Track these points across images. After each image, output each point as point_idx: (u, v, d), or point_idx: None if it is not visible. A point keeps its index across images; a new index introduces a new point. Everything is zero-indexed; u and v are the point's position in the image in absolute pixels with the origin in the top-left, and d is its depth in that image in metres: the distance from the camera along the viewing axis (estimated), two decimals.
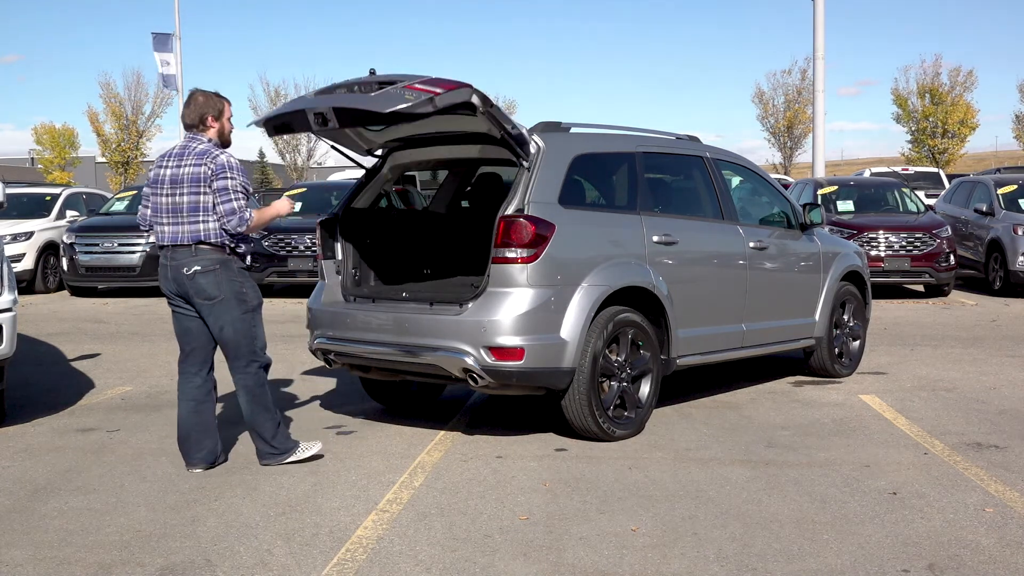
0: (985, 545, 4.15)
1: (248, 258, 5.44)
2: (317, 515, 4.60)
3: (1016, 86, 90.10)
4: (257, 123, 6.06)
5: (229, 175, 5.19)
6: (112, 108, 52.96)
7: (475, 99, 5.32)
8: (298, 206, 15.46)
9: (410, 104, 5.16)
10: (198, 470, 5.39)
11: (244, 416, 5.48)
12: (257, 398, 5.41)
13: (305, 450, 5.51)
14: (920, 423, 6.41)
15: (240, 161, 5.51)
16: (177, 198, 5.24)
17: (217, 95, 5.41)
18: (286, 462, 5.44)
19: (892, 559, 3.99)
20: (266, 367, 5.50)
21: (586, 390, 5.70)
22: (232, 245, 5.28)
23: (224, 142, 5.41)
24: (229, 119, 5.42)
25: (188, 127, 5.37)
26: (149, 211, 5.39)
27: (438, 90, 5.19)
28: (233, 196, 5.18)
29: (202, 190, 5.20)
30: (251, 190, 5.49)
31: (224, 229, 5.20)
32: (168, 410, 7.02)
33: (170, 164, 5.31)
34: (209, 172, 5.19)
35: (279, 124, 5.95)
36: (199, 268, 5.22)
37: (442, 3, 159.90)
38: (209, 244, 5.24)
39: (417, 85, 5.24)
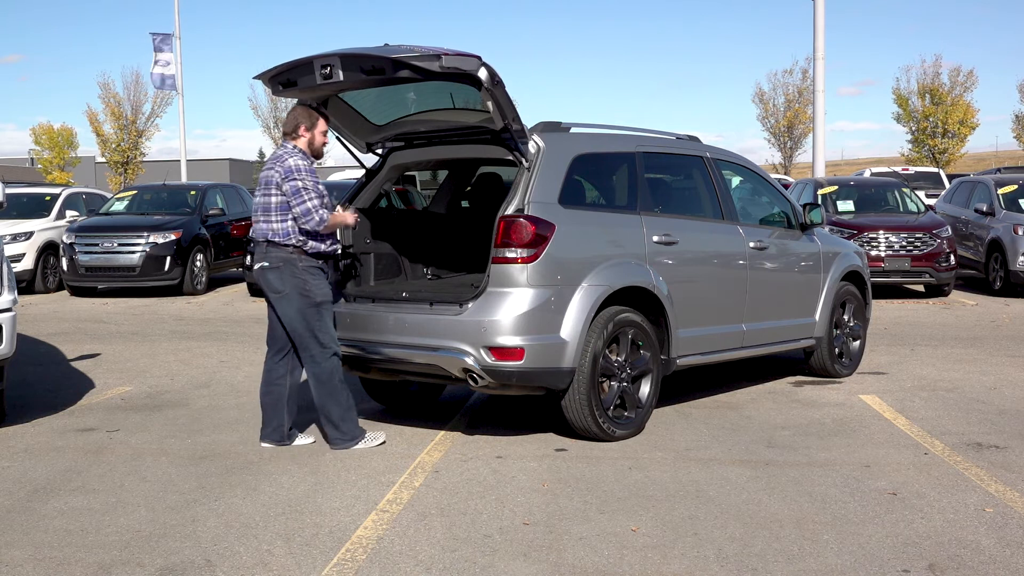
0: (985, 545, 4.15)
1: (327, 250, 5.76)
2: (317, 515, 4.60)
3: (1016, 86, 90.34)
4: (262, 77, 6.00)
5: (298, 177, 5.57)
6: (111, 108, 52.95)
7: (483, 72, 5.34)
8: None
9: (416, 56, 5.25)
10: (266, 445, 5.87)
11: (314, 401, 5.84)
12: (324, 385, 5.73)
13: (373, 439, 5.87)
14: (920, 423, 6.41)
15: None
16: (259, 198, 5.72)
17: (315, 109, 5.82)
18: (354, 447, 5.77)
19: (892, 559, 3.99)
20: (337, 356, 5.80)
21: (586, 390, 5.70)
22: (299, 244, 5.61)
23: (315, 152, 5.82)
24: (323, 132, 5.81)
25: (284, 135, 5.84)
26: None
27: (447, 51, 5.25)
28: (307, 196, 5.57)
29: (272, 192, 5.64)
30: (324, 191, 5.72)
31: (302, 228, 5.59)
32: (168, 410, 7.03)
33: (264, 167, 5.83)
34: (278, 176, 5.60)
35: (285, 80, 5.93)
36: (266, 264, 5.67)
37: (442, 3, 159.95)
38: (276, 243, 5.63)
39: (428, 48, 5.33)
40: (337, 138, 6.58)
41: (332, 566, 3.96)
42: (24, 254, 15.92)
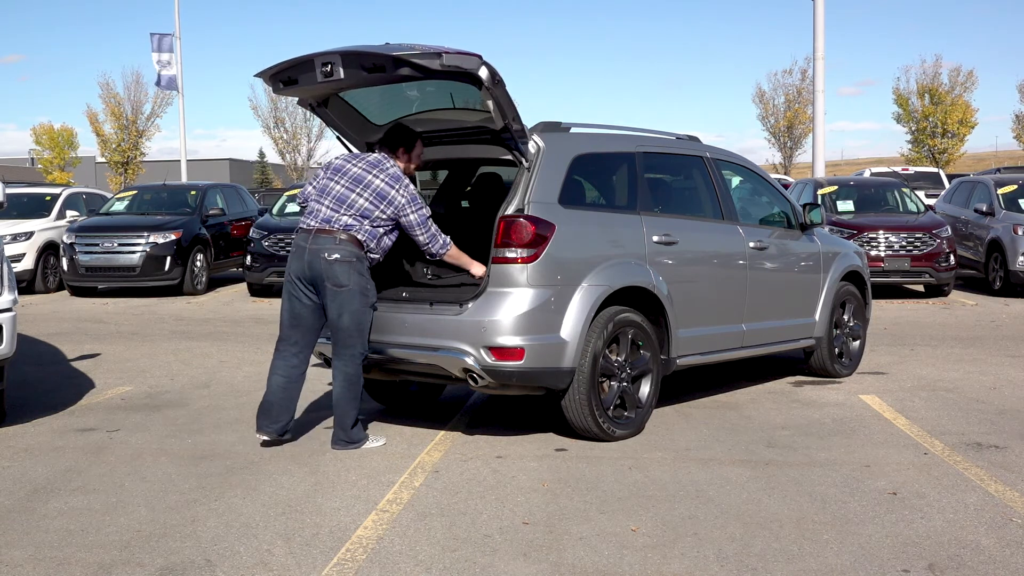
0: (985, 545, 4.15)
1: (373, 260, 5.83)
2: (317, 515, 4.60)
3: (1016, 86, 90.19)
4: (263, 76, 5.99)
5: (411, 198, 5.71)
6: (112, 108, 52.95)
7: (483, 71, 5.33)
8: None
9: (417, 53, 5.24)
10: (265, 437, 5.83)
11: (334, 398, 5.82)
12: (353, 386, 5.77)
13: (374, 441, 5.89)
14: (920, 423, 6.41)
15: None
16: (342, 190, 5.71)
17: (417, 135, 5.99)
18: (351, 449, 5.79)
19: (892, 559, 3.99)
20: (368, 360, 5.85)
21: (586, 390, 5.70)
22: (371, 249, 5.71)
23: (408, 173, 5.96)
24: (419, 156, 5.99)
25: (382, 146, 5.94)
26: (313, 191, 5.83)
27: (448, 49, 5.25)
28: (424, 219, 5.75)
29: (367, 195, 5.67)
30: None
31: (428, 253, 5.86)
32: (168, 410, 7.03)
33: (359, 165, 5.80)
34: (380, 182, 5.68)
35: (286, 78, 5.93)
36: (339, 256, 5.61)
37: (442, 3, 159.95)
38: (356, 239, 5.65)
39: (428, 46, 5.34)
40: (337, 138, 6.58)
41: (332, 566, 3.96)
42: (24, 254, 15.93)
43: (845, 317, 8.14)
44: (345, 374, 5.74)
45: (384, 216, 5.68)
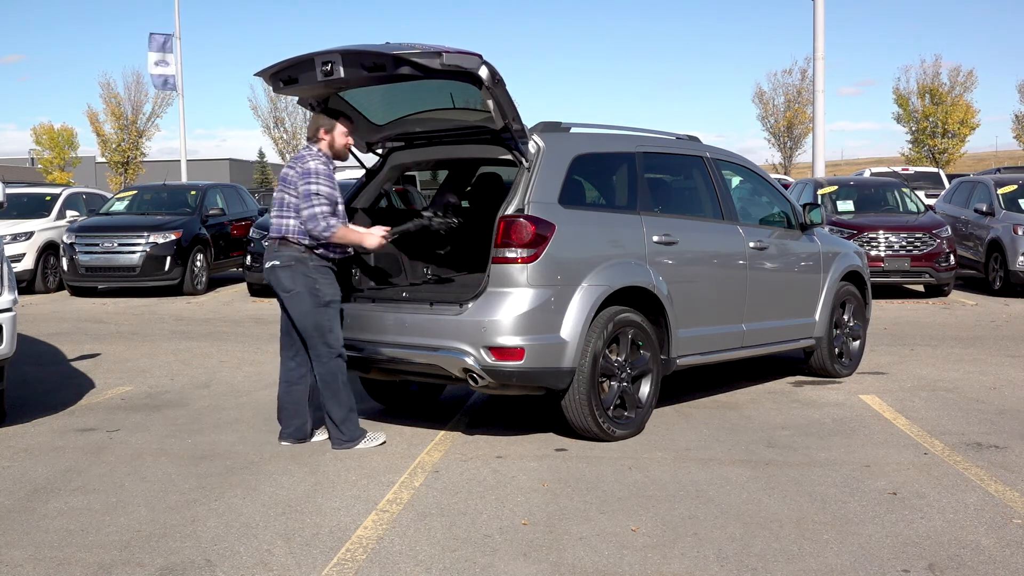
0: (985, 545, 4.15)
1: (335, 257, 5.79)
2: (317, 515, 4.60)
3: (1016, 86, 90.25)
4: (263, 75, 5.99)
5: (314, 180, 5.59)
6: (112, 108, 52.93)
7: (483, 70, 5.33)
8: None
9: (417, 52, 5.26)
10: (286, 443, 5.91)
11: (320, 400, 5.85)
12: (328, 386, 5.74)
13: (373, 440, 5.86)
14: (920, 423, 6.41)
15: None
16: (277, 194, 5.82)
17: (330, 112, 5.91)
18: (353, 448, 5.77)
19: (892, 559, 3.99)
20: (342, 358, 5.78)
21: (586, 390, 5.70)
22: (311, 245, 5.65)
23: (337, 154, 5.85)
24: (343, 133, 5.85)
25: (307, 139, 5.89)
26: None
27: (448, 49, 5.25)
28: (316, 202, 5.57)
29: (289, 190, 5.68)
30: (337, 197, 5.72)
31: (308, 234, 5.60)
32: (168, 410, 7.03)
33: (287, 165, 5.88)
34: (296, 175, 5.64)
35: (286, 77, 5.92)
36: (277, 263, 5.71)
37: (442, 3, 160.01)
38: (289, 241, 5.66)
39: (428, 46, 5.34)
40: None
41: (332, 566, 3.96)
42: (24, 254, 15.93)
43: (845, 317, 8.14)
44: (319, 375, 5.76)
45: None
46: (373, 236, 5.82)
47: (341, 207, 5.76)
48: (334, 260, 5.80)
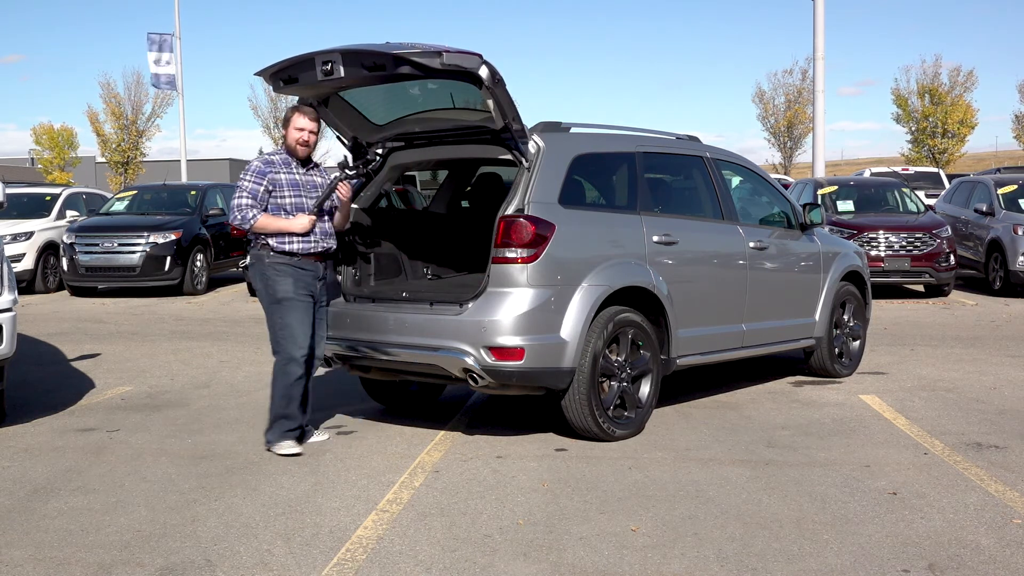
0: (985, 545, 4.15)
1: (298, 249, 5.68)
2: (317, 515, 4.60)
3: (1016, 86, 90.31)
4: (263, 74, 5.98)
5: (242, 174, 5.66)
6: (112, 108, 52.90)
7: (483, 70, 5.33)
8: None
9: (417, 52, 5.26)
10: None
11: None
12: (273, 384, 5.76)
13: (282, 448, 5.68)
14: (920, 423, 6.41)
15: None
16: None
17: (308, 104, 5.87)
18: (270, 451, 5.72)
19: (892, 559, 3.99)
20: (295, 362, 5.69)
21: (586, 390, 5.70)
22: (265, 241, 5.65)
23: (290, 149, 5.78)
24: (296, 128, 5.73)
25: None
26: None
27: (448, 48, 5.25)
28: (237, 193, 5.61)
29: None
30: (260, 190, 5.64)
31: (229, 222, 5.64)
32: (168, 410, 7.03)
33: None
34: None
35: (286, 77, 5.92)
36: (245, 262, 5.84)
37: (442, 3, 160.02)
38: (250, 240, 5.77)
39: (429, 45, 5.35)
40: (337, 138, 6.58)
41: (332, 566, 3.96)
42: (24, 254, 15.93)
43: (845, 317, 8.14)
44: (273, 373, 5.78)
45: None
46: (298, 220, 5.65)
47: (261, 198, 5.61)
48: (301, 256, 5.66)
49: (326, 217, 5.81)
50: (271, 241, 5.62)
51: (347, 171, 5.91)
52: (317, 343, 5.88)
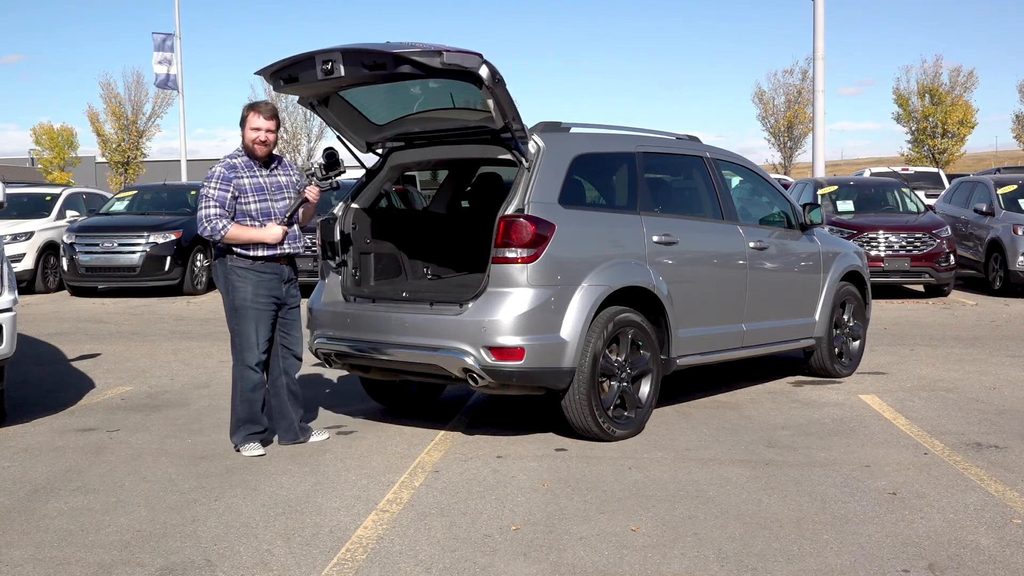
0: (985, 545, 4.15)
1: (263, 255, 5.63)
2: (317, 515, 4.60)
3: (1016, 86, 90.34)
4: (264, 73, 5.96)
5: (205, 183, 5.56)
6: (112, 108, 52.88)
7: (484, 70, 5.33)
8: None
9: (417, 51, 5.25)
10: (285, 444, 5.88)
11: None
12: (232, 390, 5.79)
13: (247, 450, 5.70)
14: (920, 423, 6.41)
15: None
16: None
17: (248, 105, 5.71)
18: (238, 451, 5.74)
19: (892, 559, 3.99)
20: (252, 370, 5.66)
21: (586, 390, 5.70)
22: (224, 245, 5.59)
23: (247, 150, 5.69)
24: (253, 128, 5.63)
25: None
26: None
27: (448, 48, 5.25)
28: (203, 203, 5.53)
29: None
30: (227, 198, 5.55)
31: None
32: (168, 410, 7.03)
33: None
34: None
35: (286, 76, 5.90)
36: (209, 263, 5.60)
37: (442, 3, 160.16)
38: (214, 241, 5.64)
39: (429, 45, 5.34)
40: (337, 137, 6.58)
41: (332, 566, 3.97)
42: (24, 254, 15.93)
43: (845, 317, 8.14)
44: (232, 379, 5.78)
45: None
46: (271, 231, 5.60)
47: (228, 206, 5.55)
48: (264, 260, 5.62)
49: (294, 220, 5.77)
50: (236, 247, 5.59)
51: (317, 182, 5.79)
52: (294, 344, 5.85)
